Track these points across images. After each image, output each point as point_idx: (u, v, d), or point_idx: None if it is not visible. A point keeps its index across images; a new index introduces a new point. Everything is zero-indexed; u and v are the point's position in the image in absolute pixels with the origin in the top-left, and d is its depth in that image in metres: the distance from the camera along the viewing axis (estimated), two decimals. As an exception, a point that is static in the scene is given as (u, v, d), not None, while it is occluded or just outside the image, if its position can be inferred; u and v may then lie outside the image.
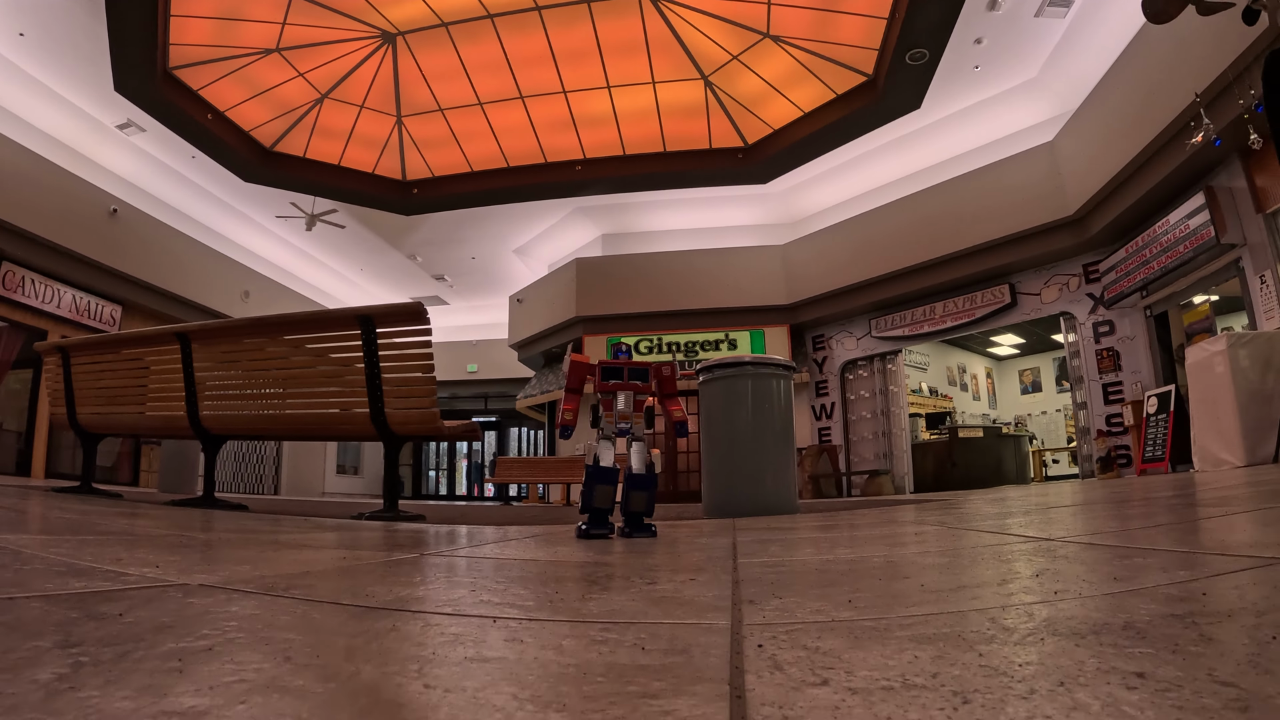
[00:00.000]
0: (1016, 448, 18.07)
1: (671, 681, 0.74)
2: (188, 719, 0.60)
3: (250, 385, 6.10)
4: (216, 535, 2.90)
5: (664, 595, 1.33)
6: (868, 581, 1.45)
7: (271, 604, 1.21)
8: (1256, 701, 0.59)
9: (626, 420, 3.46)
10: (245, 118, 15.01)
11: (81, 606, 1.09)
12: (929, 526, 3.24)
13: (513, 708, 0.66)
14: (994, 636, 0.90)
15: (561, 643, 0.94)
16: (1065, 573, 1.44)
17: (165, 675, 0.73)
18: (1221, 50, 8.71)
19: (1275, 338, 8.58)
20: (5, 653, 0.80)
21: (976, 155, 15.41)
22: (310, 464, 21.56)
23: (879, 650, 0.85)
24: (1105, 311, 13.56)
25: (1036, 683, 0.69)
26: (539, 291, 20.27)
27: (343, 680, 0.74)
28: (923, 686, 0.70)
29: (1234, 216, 10.20)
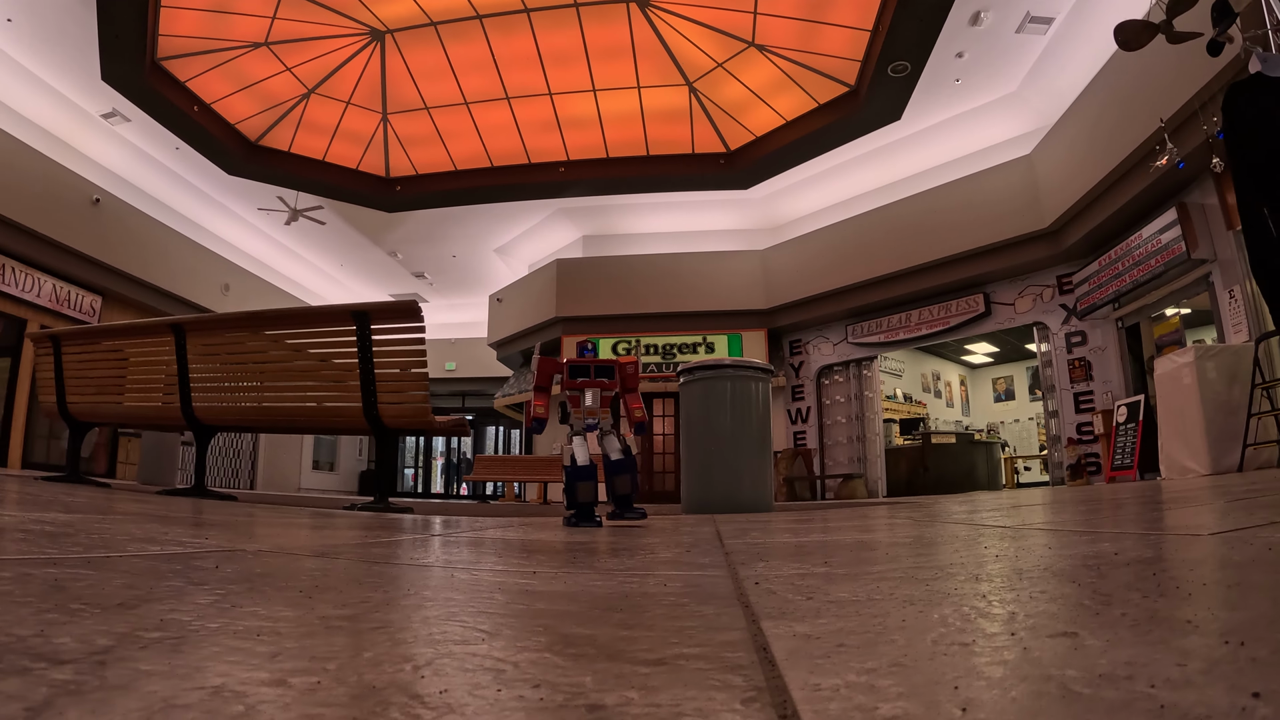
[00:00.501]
0: (988, 454, 18.38)
1: (695, 599, 0.96)
2: (337, 620, 0.79)
3: (243, 378, 6.22)
4: (234, 518, 3.07)
5: (667, 559, 1.54)
6: (840, 553, 1.66)
7: (333, 563, 1.39)
8: (1118, 602, 0.79)
9: (594, 415, 3.61)
10: (231, 110, 15.05)
11: (178, 562, 1.28)
12: (899, 520, 3.45)
13: (584, 612, 0.86)
14: (938, 577, 1.12)
15: (596, 582, 1.15)
16: (1009, 545, 1.66)
17: (301, 597, 0.93)
18: (1189, 77, 9.01)
19: (1242, 351, 8.81)
20: (154, 588, 0.98)
21: (955, 166, 15.66)
22: (287, 459, 21.57)
23: (850, 585, 1.08)
24: (1078, 322, 13.85)
25: (966, 598, 0.91)
26: (519, 291, 20.37)
27: (441, 601, 0.94)
28: (882, 599, 0.93)
29: (1205, 232, 10.47)
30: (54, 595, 0.88)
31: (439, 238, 20.32)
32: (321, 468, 24.45)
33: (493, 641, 0.70)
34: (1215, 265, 10.41)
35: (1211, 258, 10.41)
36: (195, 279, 17.51)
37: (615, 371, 3.71)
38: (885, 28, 11.95)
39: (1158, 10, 5.65)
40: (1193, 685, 0.53)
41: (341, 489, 24.51)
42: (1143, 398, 11.55)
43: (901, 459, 17.11)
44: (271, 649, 0.66)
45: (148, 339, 6.33)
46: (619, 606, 0.92)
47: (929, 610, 0.85)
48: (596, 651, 0.66)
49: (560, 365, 3.69)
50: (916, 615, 0.83)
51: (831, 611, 0.86)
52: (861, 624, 0.78)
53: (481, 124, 15.93)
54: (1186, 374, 8.94)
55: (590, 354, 3.76)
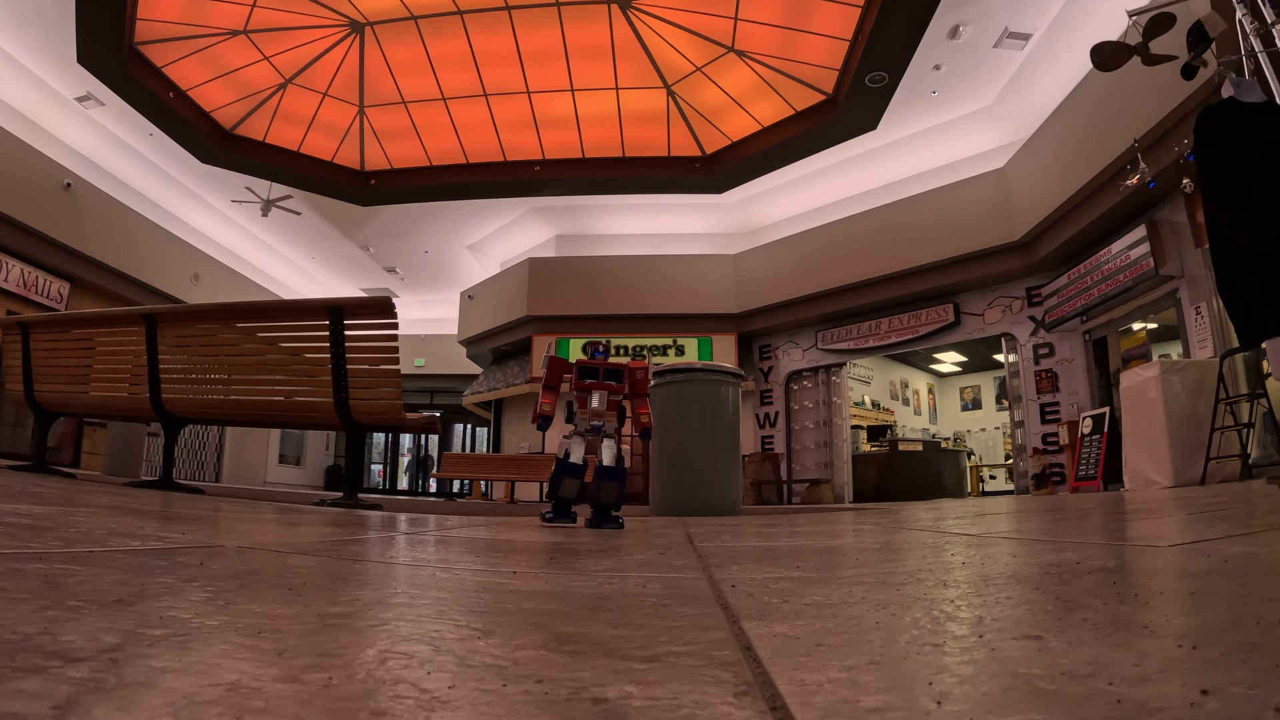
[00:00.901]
0: (955, 462, 18.59)
1: (677, 600, 0.99)
2: (334, 618, 0.82)
3: (214, 370, 6.17)
4: (206, 513, 3.07)
5: (643, 561, 1.58)
6: (811, 558, 1.70)
7: (317, 561, 1.42)
8: (1081, 607, 0.83)
9: (600, 418, 3.63)
10: (207, 98, 14.92)
11: (163, 557, 1.29)
12: (865, 526, 3.51)
13: (572, 611, 0.89)
14: (908, 582, 1.16)
15: (578, 582, 1.18)
16: (975, 552, 1.71)
17: (294, 595, 0.95)
18: (1163, 98, 9.18)
19: (1207, 366, 8.97)
20: (146, 584, 1.00)
21: (929, 177, 15.80)
22: (253, 452, 21.41)
23: (823, 588, 1.13)
24: (1046, 334, 14.01)
25: (936, 603, 0.95)
26: (490, 289, 20.31)
27: (431, 600, 0.97)
28: (856, 602, 0.98)
29: (1174, 249, 10.63)
30: (50, 592, 0.89)
31: (412, 233, 20.24)
32: (288, 462, 24.26)
33: (488, 639, 0.73)
34: (1183, 282, 10.58)
35: (1179, 274, 10.57)
36: (165, 268, 17.31)
37: (625, 376, 3.74)
38: (865, 38, 12.07)
39: (1134, 32, 5.75)
40: (1149, 682, 0.57)
41: (308, 484, 24.32)
42: (1108, 410, 11.70)
43: (869, 465, 17.25)
44: (278, 646, 0.68)
45: (118, 328, 6.27)
46: (605, 606, 0.95)
47: (901, 613, 0.89)
48: (591, 649, 0.69)
49: (570, 366, 3.72)
50: (890, 618, 0.87)
51: (809, 614, 0.90)
52: (838, 625, 0.82)
53: (458, 120, 15.90)
54: (1152, 388, 9.09)
55: (601, 356, 3.75)
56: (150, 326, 5.98)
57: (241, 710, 0.51)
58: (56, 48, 12.74)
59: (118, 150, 15.90)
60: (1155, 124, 9.45)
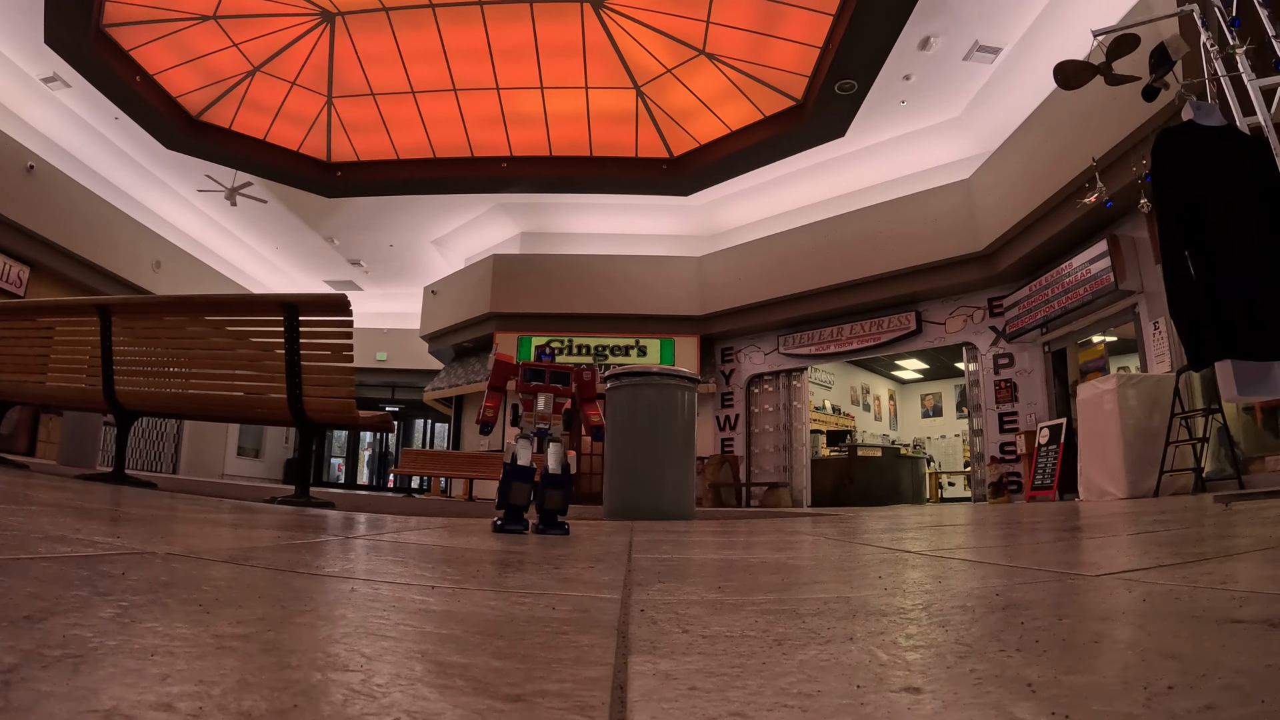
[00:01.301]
0: (914, 469, 18.81)
1: (577, 627, 1.02)
2: (230, 639, 0.84)
3: (168, 363, 6.14)
4: (151, 511, 3.06)
5: (568, 577, 1.60)
6: (738, 576, 1.74)
7: (239, 571, 1.43)
8: (975, 654, 0.87)
9: (545, 421, 3.60)
10: (174, 83, 14.76)
11: (86, 567, 1.30)
12: (808, 536, 3.55)
13: (467, 637, 0.92)
14: (818, 612, 1.19)
15: (490, 603, 1.21)
16: (900, 574, 1.75)
17: (201, 613, 0.97)
18: (1125, 118, 9.35)
19: (1164, 381, 9.15)
20: (60, 598, 1.02)
21: (895, 186, 15.97)
22: (211, 445, 21.21)
23: (730, 616, 1.15)
24: (1006, 344, 14.22)
25: (834, 640, 0.98)
26: (454, 284, 20.28)
27: (334, 620, 0.99)
28: (755, 636, 1.00)
29: (1134, 265, 10.84)
30: None
31: (377, 226, 20.14)
32: (247, 454, 24.03)
33: (370, 666, 0.76)
34: (1142, 297, 10.77)
35: (1139, 289, 10.76)
36: (127, 254, 17.09)
37: (571, 378, 3.71)
38: (835, 46, 12.18)
39: (1098, 52, 5.84)
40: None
41: (266, 476, 24.10)
42: (1065, 421, 11.88)
43: (828, 469, 17.40)
44: (163, 670, 0.70)
45: (74, 318, 6.21)
46: (503, 633, 0.97)
47: (793, 653, 0.91)
48: (465, 684, 0.71)
49: (516, 367, 3.68)
50: (780, 657, 0.89)
51: (701, 648, 0.93)
52: (723, 664, 0.85)
53: (427, 114, 15.85)
54: (1108, 400, 9.25)
55: (548, 359, 3.71)
56: (105, 317, 5.92)
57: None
58: (23, 28, 12.53)
59: (82, 133, 15.68)
60: (1117, 143, 9.63)
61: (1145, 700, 0.71)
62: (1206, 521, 3.55)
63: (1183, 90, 5.13)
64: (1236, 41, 4.91)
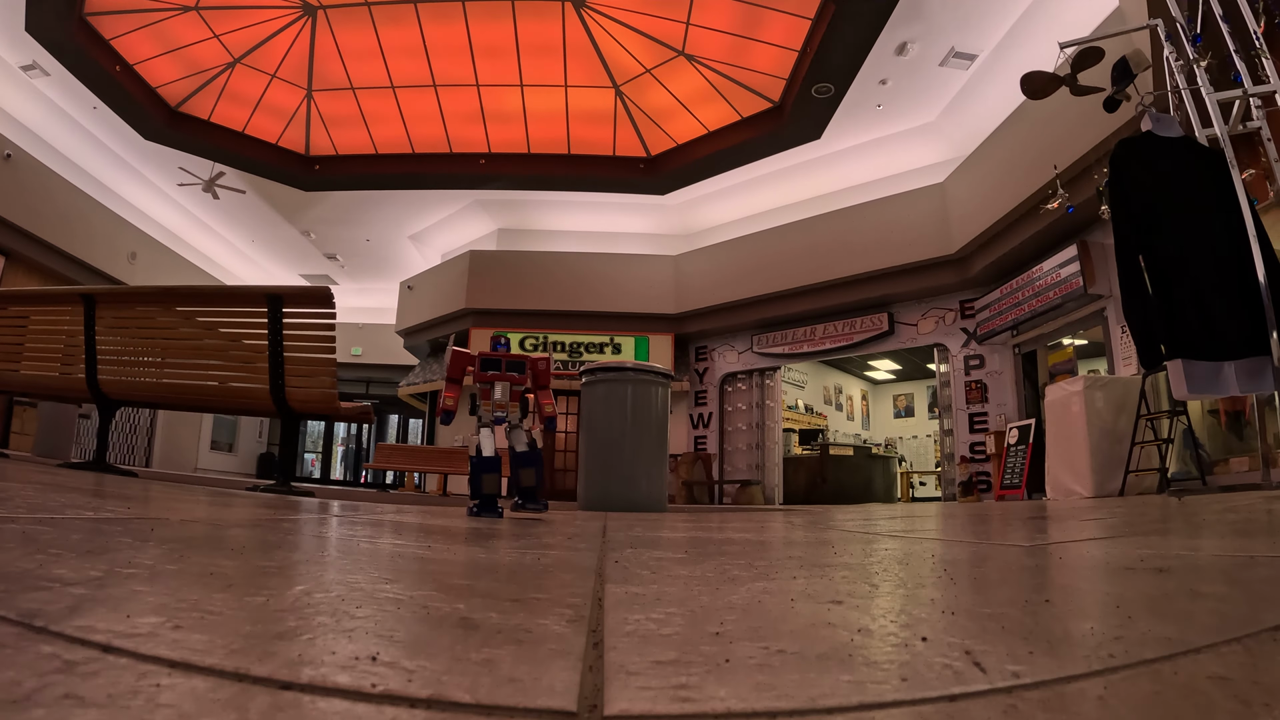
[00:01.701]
0: (885, 468, 19.04)
1: (560, 568, 1.19)
2: (271, 569, 0.99)
3: (151, 353, 6.18)
4: (145, 493, 3.18)
5: (551, 544, 1.76)
6: (704, 546, 1.90)
7: (253, 532, 1.58)
8: (907, 583, 1.03)
9: (503, 409, 3.69)
10: (154, 74, 14.71)
11: (117, 525, 1.44)
12: (777, 524, 3.71)
13: (466, 572, 1.08)
14: (773, 566, 1.35)
15: (482, 555, 1.36)
16: (858, 546, 1.92)
17: (235, 554, 1.12)
18: (1092, 128, 9.55)
19: (1130, 383, 9.33)
20: (109, 543, 1.16)
21: (870, 188, 16.14)
22: (185, 437, 21.12)
23: (694, 566, 1.32)
24: (977, 346, 14.43)
25: (780, 579, 1.14)
26: (430, 280, 20.26)
27: (354, 560, 1.14)
28: (713, 576, 1.17)
29: (1104, 270, 11.03)
30: (30, 544, 1.05)
31: (354, 220, 20.13)
32: (220, 448, 23.93)
33: (394, 585, 0.91)
34: (1110, 301, 10.95)
35: (1107, 294, 10.95)
36: (103, 245, 16.98)
37: (526, 367, 3.78)
38: (814, 50, 12.34)
39: (1065, 64, 6.03)
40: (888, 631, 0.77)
41: (239, 470, 24.00)
42: (1034, 421, 12.05)
43: (800, 468, 17.56)
44: (225, 583, 0.85)
45: (54, 307, 6.26)
46: (497, 570, 1.14)
47: (743, 585, 1.08)
48: (472, 594, 0.87)
49: (472, 358, 3.76)
50: (732, 587, 1.06)
51: (665, 581, 1.09)
52: (682, 590, 1.01)
53: (406, 110, 15.90)
54: (1076, 402, 9.44)
55: (503, 349, 3.81)
56: (89, 306, 5.98)
57: (204, 613, 0.69)
58: (3, 14, 12.46)
59: (61, 123, 15.58)
60: (1087, 151, 9.82)
61: (1019, 609, 0.89)
62: (1154, 511, 3.74)
63: (1142, 102, 5.33)
64: (1197, 55, 5.11)
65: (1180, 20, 5.23)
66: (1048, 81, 6.26)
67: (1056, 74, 6.18)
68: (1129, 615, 0.87)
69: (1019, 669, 0.62)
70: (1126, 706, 0.54)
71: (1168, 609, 0.94)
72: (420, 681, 0.52)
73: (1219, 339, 4.56)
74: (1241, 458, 8.70)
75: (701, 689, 0.55)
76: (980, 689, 0.57)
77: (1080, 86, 6.18)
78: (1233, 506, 3.60)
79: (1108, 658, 0.66)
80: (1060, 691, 0.57)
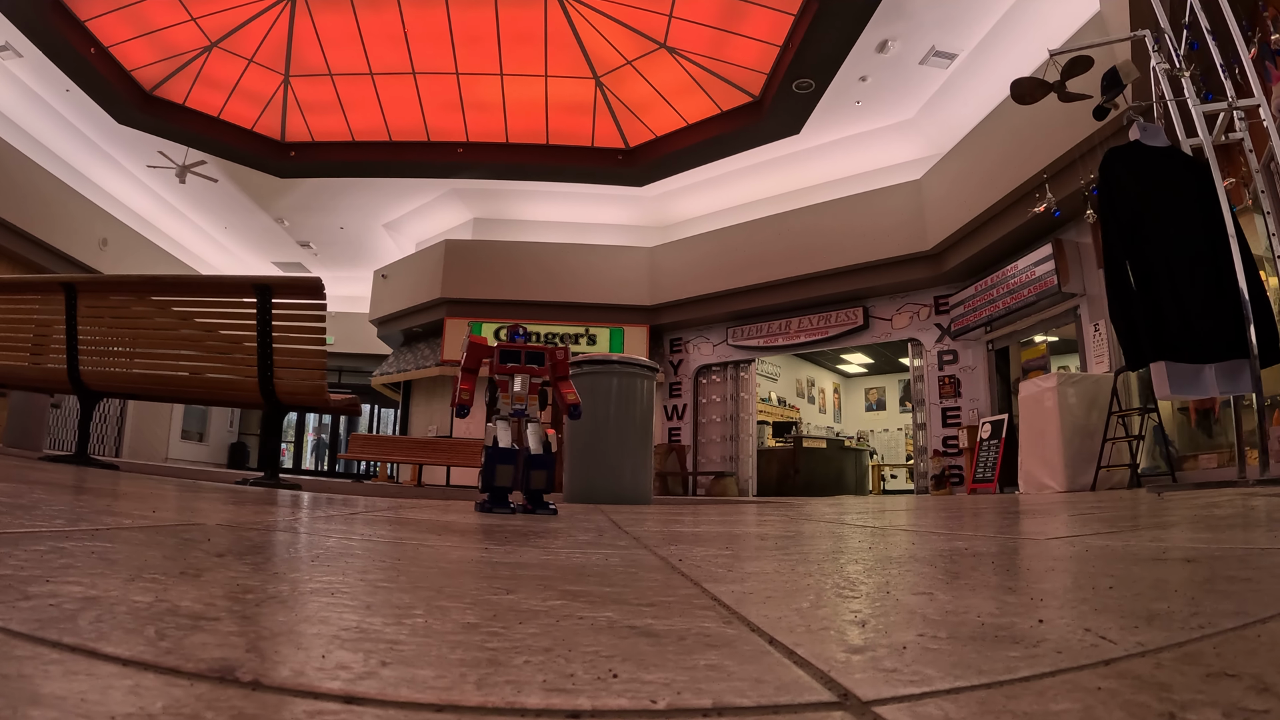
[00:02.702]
0: (857, 461, 19.20)
1: (642, 569, 1.21)
2: (373, 573, 1.01)
3: (135, 343, 6.06)
4: (148, 490, 3.16)
5: (588, 543, 1.78)
6: (736, 543, 1.92)
7: (293, 535, 1.58)
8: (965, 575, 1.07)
9: (522, 402, 3.59)
10: (129, 57, 14.46)
11: (167, 535, 1.45)
12: (771, 515, 3.76)
13: (560, 576, 1.10)
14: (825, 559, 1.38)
15: (548, 557, 1.38)
16: (873, 540, 1.96)
17: (305, 566, 1.13)
18: (1074, 131, 9.60)
19: (1102, 381, 9.51)
20: (188, 556, 1.17)
21: (847, 184, 16.23)
22: (155, 427, 20.87)
23: (756, 563, 1.34)
24: (951, 341, 14.59)
25: (857, 571, 1.17)
26: (405, 269, 20.15)
27: (442, 567, 1.16)
28: (787, 572, 1.19)
29: (1077, 268, 11.19)
30: (108, 564, 1.05)
31: (328, 208, 19.96)
32: (190, 438, 23.65)
33: (516, 594, 0.93)
34: (1084, 299, 11.14)
35: (1081, 292, 11.13)
36: (73, 231, 16.69)
37: (546, 359, 3.71)
38: (795, 45, 12.39)
39: (1053, 70, 6.11)
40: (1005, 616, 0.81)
41: (211, 460, 23.77)
42: (1006, 417, 12.23)
43: (773, 460, 17.68)
44: (338, 603, 0.87)
45: (29, 296, 6.13)
46: (588, 573, 1.16)
47: (822, 579, 1.11)
48: (601, 600, 0.89)
49: (491, 349, 3.66)
50: (817, 576, 1.09)
51: (750, 579, 1.12)
52: (776, 586, 1.05)
53: (384, 97, 15.78)
54: (1049, 398, 9.59)
55: (521, 339, 3.71)
56: (70, 295, 5.87)
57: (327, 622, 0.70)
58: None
59: (32, 105, 15.29)
60: (1064, 153, 9.94)
61: (1097, 593, 0.93)
62: (1142, 506, 3.84)
63: (1130, 111, 5.42)
64: (1182, 66, 5.20)
65: (1169, 32, 5.31)
66: (1035, 87, 6.35)
67: (1044, 80, 6.27)
68: (1191, 597, 1.00)
69: (1140, 639, 0.74)
70: (1240, 658, 0.67)
71: (1217, 591, 1.07)
72: (687, 692, 0.55)
73: (1200, 342, 4.67)
74: (1210, 454, 8.88)
75: (909, 671, 0.63)
76: (1121, 654, 0.68)
77: (1068, 94, 6.27)
78: (1215, 502, 3.69)
79: (1200, 628, 0.80)
80: (1187, 651, 0.70)
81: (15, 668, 0.54)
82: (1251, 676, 0.60)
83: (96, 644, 0.61)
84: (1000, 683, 0.59)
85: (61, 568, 0.94)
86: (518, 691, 0.53)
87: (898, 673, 0.62)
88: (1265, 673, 0.61)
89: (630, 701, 0.52)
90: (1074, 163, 9.61)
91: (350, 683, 0.53)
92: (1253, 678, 0.60)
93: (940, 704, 0.53)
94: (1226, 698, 0.54)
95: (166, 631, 0.66)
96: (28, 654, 0.57)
